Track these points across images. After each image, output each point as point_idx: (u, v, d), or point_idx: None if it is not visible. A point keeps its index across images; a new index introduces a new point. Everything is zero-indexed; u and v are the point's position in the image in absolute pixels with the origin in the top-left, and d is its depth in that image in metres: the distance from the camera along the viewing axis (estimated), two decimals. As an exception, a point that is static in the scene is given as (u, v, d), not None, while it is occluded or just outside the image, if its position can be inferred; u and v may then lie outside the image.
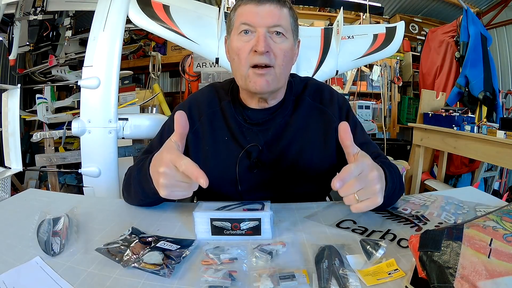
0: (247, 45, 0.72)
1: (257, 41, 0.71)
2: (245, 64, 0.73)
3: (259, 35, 0.71)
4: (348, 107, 0.85)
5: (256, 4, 0.72)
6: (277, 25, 0.72)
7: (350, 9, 3.84)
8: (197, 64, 3.32)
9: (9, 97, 1.67)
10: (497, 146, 1.92)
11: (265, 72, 0.72)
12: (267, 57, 0.71)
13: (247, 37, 0.72)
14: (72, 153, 1.70)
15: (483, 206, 0.72)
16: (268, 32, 0.72)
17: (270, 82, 0.73)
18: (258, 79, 0.72)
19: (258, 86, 0.73)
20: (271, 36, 0.72)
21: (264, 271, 0.48)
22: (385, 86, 3.81)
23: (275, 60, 0.72)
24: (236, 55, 0.74)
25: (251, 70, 0.73)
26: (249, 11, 0.72)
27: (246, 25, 0.72)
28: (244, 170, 0.79)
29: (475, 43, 2.70)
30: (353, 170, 0.52)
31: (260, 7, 0.71)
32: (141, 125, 1.54)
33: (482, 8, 3.78)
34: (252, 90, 0.75)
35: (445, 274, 0.39)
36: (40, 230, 0.58)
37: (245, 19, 0.72)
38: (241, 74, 0.74)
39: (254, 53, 0.71)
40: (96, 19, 1.47)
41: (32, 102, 3.43)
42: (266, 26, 0.71)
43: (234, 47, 0.74)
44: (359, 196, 0.53)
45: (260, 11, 0.71)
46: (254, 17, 0.71)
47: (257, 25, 0.71)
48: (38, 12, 2.49)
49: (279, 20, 0.72)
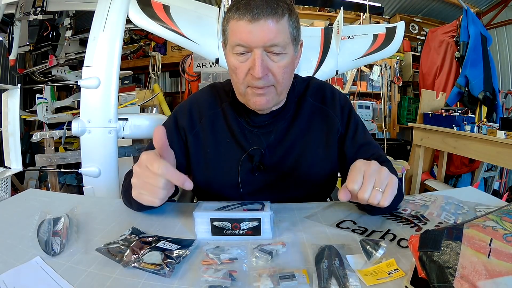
0: (243, 66, 0.68)
1: (254, 65, 0.66)
2: (243, 83, 0.70)
3: (255, 57, 0.65)
4: (350, 106, 0.85)
5: (249, 20, 0.64)
6: (274, 44, 0.65)
7: (350, 9, 3.84)
8: (197, 64, 3.32)
9: (9, 97, 1.67)
10: (497, 146, 1.92)
11: (264, 92, 0.70)
12: (265, 80, 0.68)
13: (243, 58, 0.68)
14: (72, 153, 1.70)
15: (483, 206, 0.72)
16: (265, 50, 0.66)
17: (270, 100, 0.72)
18: (257, 98, 0.70)
19: (258, 105, 0.72)
20: (268, 55, 0.67)
21: (264, 271, 0.48)
22: (385, 86, 3.81)
23: (275, 79, 0.69)
24: (233, 73, 0.71)
25: (249, 89, 0.70)
26: (243, 29, 0.65)
27: (240, 46, 0.66)
28: (246, 173, 0.79)
29: (475, 43, 2.70)
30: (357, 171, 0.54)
31: (254, 24, 0.64)
32: (141, 125, 1.54)
33: (482, 8, 3.78)
34: (252, 108, 0.74)
35: (445, 274, 0.39)
36: (40, 230, 0.58)
37: (239, 39, 0.65)
38: (240, 92, 0.73)
39: (251, 76, 0.67)
40: (96, 19, 1.47)
41: (32, 102, 3.43)
42: (262, 45, 0.65)
43: (230, 64, 0.71)
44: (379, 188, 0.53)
45: (254, 30, 0.64)
46: (249, 37, 0.65)
47: (252, 45, 0.65)
48: (38, 12, 2.49)
49: (276, 37, 0.65)
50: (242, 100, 0.75)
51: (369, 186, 0.53)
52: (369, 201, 0.54)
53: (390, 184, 0.54)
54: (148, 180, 0.55)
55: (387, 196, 0.53)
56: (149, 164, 0.54)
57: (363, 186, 0.53)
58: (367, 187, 0.53)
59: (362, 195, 0.53)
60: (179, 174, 0.54)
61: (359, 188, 0.54)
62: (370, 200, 0.53)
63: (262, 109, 0.74)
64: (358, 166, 0.56)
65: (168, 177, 0.53)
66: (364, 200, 0.54)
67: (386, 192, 0.54)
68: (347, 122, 0.82)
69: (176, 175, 0.54)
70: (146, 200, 0.57)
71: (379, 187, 0.53)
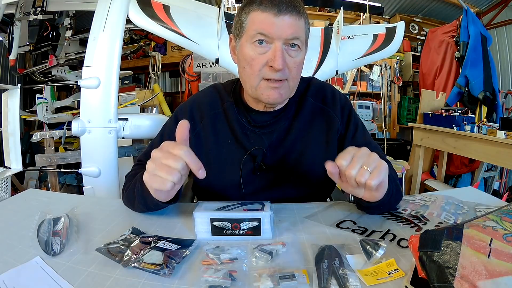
0: (262, 57, 0.68)
1: (274, 57, 0.67)
2: (258, 75, 0.70)
3: (276, 49, 0.67)
4: (350, 107, 0.85)
5: (275, 14, 0.66)
6: (296, 38, 0.68)
7: (350, 9, 3.84)
8: (197, 64, 3.32)
9: (9, 97, 1.67)
10: (497, 146, 1.92)
11: (279, 86, 0.70)
12: (282, 73, 0.69)
13: (262, 49, 0.68)
14: (72, 153, 1.70)
15: (483, 206, 0.72)
16: (284, 44, 0.68)
17: (283, 94, 0.72)
18: (271, 91, 0.71)
19: (271, 99, 0.72)
20: (286, 49, 0.69)
21: (264, 271, 0.48)
22: (385, 86, 3.82)
23: (289, 73, 0.70)
24: (248, 64, 0.71)
25: (263, 82, 0.70)
26: (267, 21, 0.66)
27: (262, 35, 0.67)
28: (247, 172, 0.79)
29: (475, 43, 2.70)
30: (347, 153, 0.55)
31: (279, 18, 0.66)
32: (141, 125, 1.54)
33: (482, 8, 3.78)
34: (263, 101, 0.74)
35: (445, 274, 0.39)
36: (40, 230, 0.58)
37: (262, 28, 0.67)
38: (252, 84, 0.72)
39: (270, 68, 0.68)
40: (96, 19, 1.47)
41: (32, 102, 3.43)
42: (284, 38, 0.67)
43: (246, 55, 0.70)
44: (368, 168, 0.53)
45: (278, 22, 0.66)
46: (272, 28, 0.66)
47: (275, 37, 0.67)
48: (38, 12, 2.49)
49: (297, 32, 0.68)
50: (252, 94, 0.74)
51: (357, 164, 0.54)
52: (357, 179, 0.54)
53: (379, 166, 0.54)
54: (166, 161, 0.54)
55: (375, 175, 0.53)
56: (171, 147, 0.55)
57: (352, 163, 0.54)
58: (355, 165, 0.54)
59: (350, 171, 0.53)
60: (197, 160, 0.54)
61: (347, 164, 0.54)
62: (358, 178, 0.53)
63: (274, 103, 0.74)
64: (350, 148, 0.56)
65: (188, 160, 0.53)
66: (351, 176, 0.54)
67: (374, 172, 0.54)
68: (347, 122, 0.83)
69: (195, 161, 0.54)
70: (158, 182, 0.55)
71: (368, 168, 0.54)
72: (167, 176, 0.54)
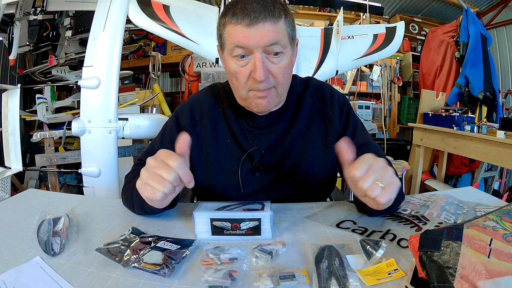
0: (244, 70, 0.67)
1: (255, 68, 0.65)
2: (244, 87, 0.70)
3: (256, 60, 0.65)
4: (349, 107, 0.85)
5: (247, 24, 0.63)
6: (274, 43, 0.65)
7: (350, 9, 3.84)
8: (197, 64, 3.32)
9: (9, 97, 1.67)
10: (497, 146, 1.92)
11: (266, 95, 0.70)
12: (266, 83, 0.67)
13: (243, 61, 0.67)
14: (72, 153, 1.71)
15: (483, 206, 0.72)
16: (265, 52, 0.66)
17: (271, 102, 0.72)
18: (259, 100, 0.71)
19: (260, 108, 0.72)
20: (268, 57, 0.66)
21: (264, 271, 0.48)
22: (385, 86, 3.81)
23: (275, 80, 0.69)
24: (233, 77, 0.70)
25: (251, 92, 0.70)
26: (241, 33, 0.64)
27: (240, 47, 0.65)
28: (246, 173, 0.79)
29: (475, 43, 2.70)
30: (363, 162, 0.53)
31: (252, 28, 0.63)
32: (141, 125, 1.54)
33: (482, 8, 3.78)
34: (253, 111, 0.75)
35: (445, 274, 0.39)
36: (40, 230, 0.58)
37: (238, 41, 0.65)
38: (240, 96, 0.72)
39: (253, 79, 0.67)
40: (96, 19, 1.47)
41: (32, 102, 3.43)
42: (262, 46, 0.65)
43: (230, 69, 0.70)
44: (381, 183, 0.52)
45: (253, 32, 0.63)
46: (248, 40, 0.64)
47: (252, 47, 0.65)
48: (38, 12, 2.49)
49: (276, 37, 0.65)
50: (243, 103, 0.75)
51: (371, 178, 0.52)
52: (367, 193, 0.52)
53: (392, 183, 0.53)
54: (159, 171, 0.55)
55: (386, 193, 0.52)
56: (166, 157, 0.55)
57: (365, 175, 0.52)
58: (369, 178, 0.52)
59: (362, 184, 0.52)
60: (189, 173, 0.55)
61: (361, 175, 0.52)
62: (369, 192, 0.52)
63: (263, 111, 0.75)
64: (367, 157, 0.55)
65: (180, 172, 0.54)
66: (363, 189, 0.52)
67: (386, 189, 0.52)
68: (346, 122, 0.83)
69: (187, 173, 0.55)
70: (149, 192, 0.56)
71: (381, 182, 0.52)
72: (158, 186, 0.55)
